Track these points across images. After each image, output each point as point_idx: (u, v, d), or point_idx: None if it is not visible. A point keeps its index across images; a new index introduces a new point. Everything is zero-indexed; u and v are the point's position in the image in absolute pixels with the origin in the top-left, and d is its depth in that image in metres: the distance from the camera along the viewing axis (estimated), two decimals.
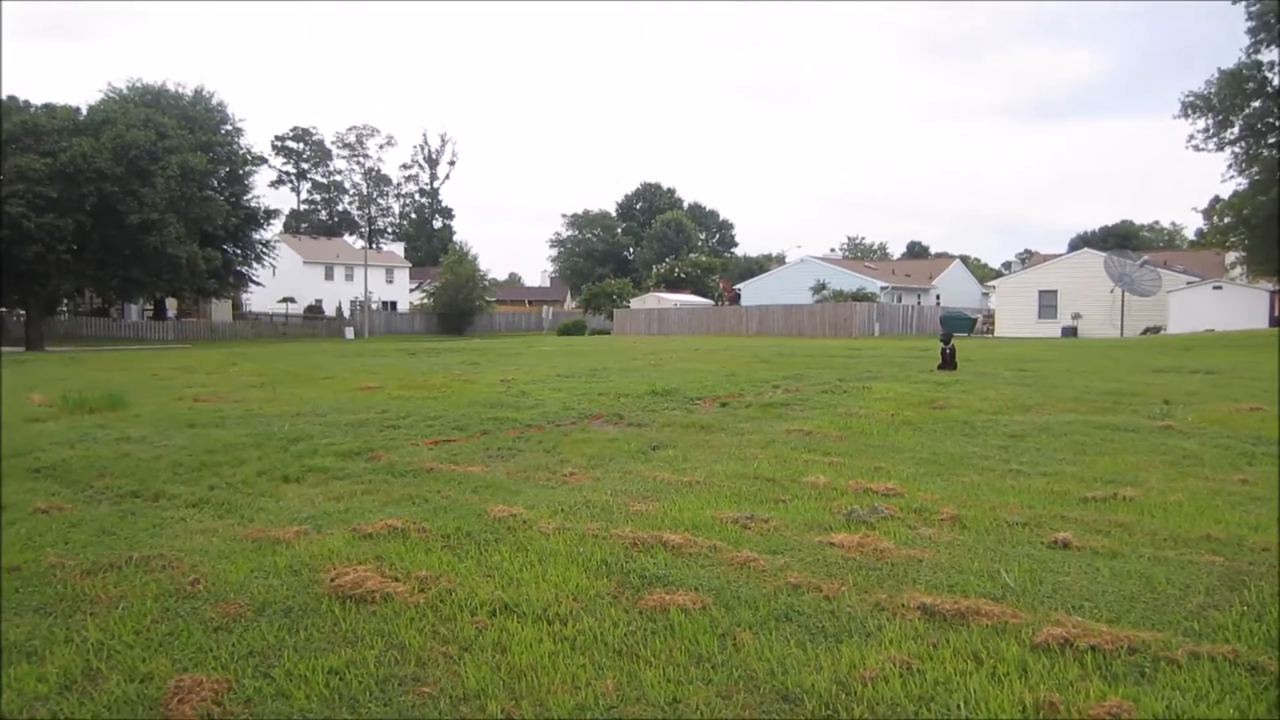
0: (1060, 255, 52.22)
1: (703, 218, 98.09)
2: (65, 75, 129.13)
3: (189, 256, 39.97)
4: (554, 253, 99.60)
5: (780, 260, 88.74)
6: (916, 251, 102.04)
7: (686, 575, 4.01)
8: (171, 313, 59.34)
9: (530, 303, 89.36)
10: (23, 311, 42.88)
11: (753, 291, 61.74)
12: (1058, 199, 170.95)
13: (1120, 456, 6.93)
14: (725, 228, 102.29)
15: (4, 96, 35.50)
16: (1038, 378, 13.45)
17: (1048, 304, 43.90)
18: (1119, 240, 73.86)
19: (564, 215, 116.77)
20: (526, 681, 3.00)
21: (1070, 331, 40.91)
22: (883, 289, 56.54)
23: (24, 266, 36.39)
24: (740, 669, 3.09)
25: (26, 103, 38.66)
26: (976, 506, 5.31)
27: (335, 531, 4.76)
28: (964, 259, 79.38)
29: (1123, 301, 39.82)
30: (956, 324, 36.18)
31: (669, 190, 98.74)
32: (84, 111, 39.93)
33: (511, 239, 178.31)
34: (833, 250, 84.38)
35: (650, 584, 3.91)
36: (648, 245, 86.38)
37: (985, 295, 61.34)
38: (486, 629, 3.43)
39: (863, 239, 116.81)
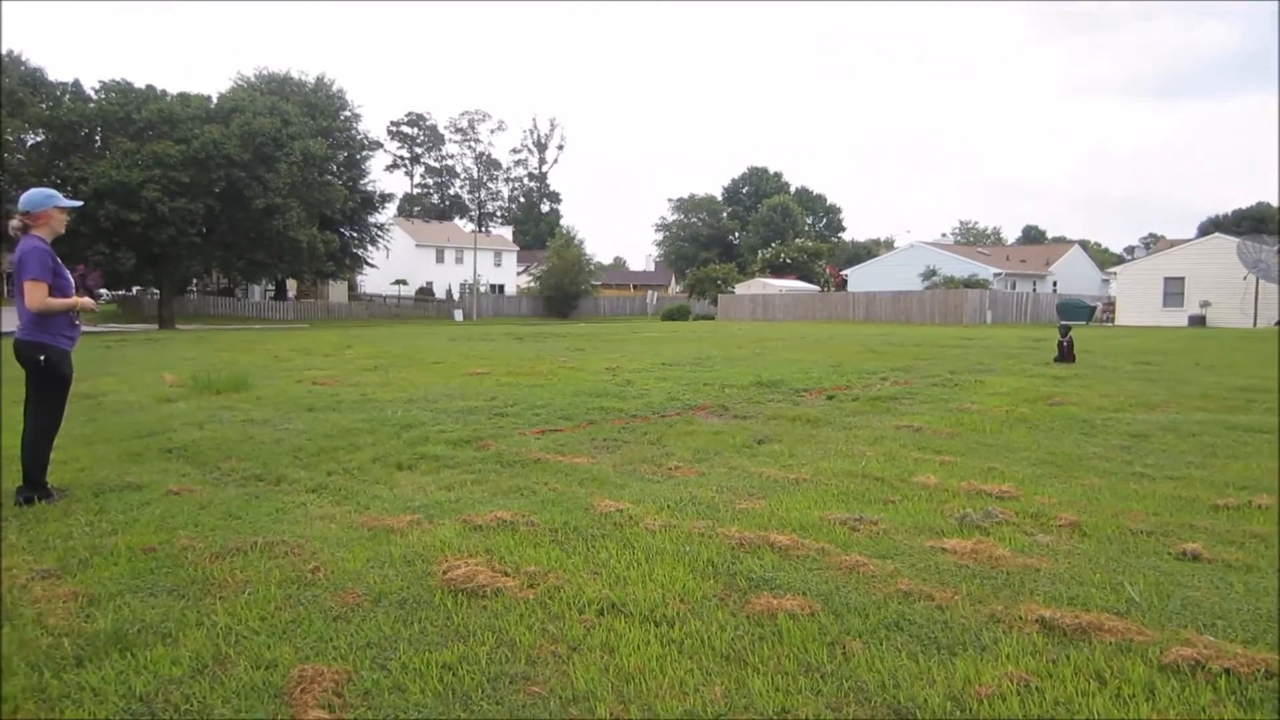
0: (1189, 240, 49.17)
1: (809, 202, 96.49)
2: (201, 64, 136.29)
3: (309, 239, 41.72)
4: (659, 237, 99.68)
5: (889, 246, 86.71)
6: (1032, 236, 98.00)
7: (794, 579, 3.94)
8: (291, 293, 62.10)
9: (634, 287, 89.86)
10: (156, 291, 45.54)
11: (860, 277, 60.48)
12: (1186, 180, 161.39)
13: (1254, 460, 6.48)
14: (833, 212, 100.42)
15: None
16: (1162, 372, 12.73)
17: (1174, 291, 41.46)
18: (1254, 224, 68.98)
19: (669, 199, 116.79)
20: (635, 685, 2.99)
21: (1198, 320, 38.58)
22: (996, 275, 54.53)
23: (158, 249, 38.68)
24: (850, 680, 3.01)
25: (163, 91, 40.87)
26: (1097, 512, 5.05)
27: (447, 522, 4.87)
28: (1083, 244, 75.79)
29: (1257, 290, 37.26)
30: (1074, 311, 34.54)
31: (776, 174, 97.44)
32: (214, 100, 41.97)
33: (617, 223, 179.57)
34: (944, 235, 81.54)
35: (757, 587, 3.86)
36: (753, 230, 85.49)
37: (1106, 282, 58.48)
38: (594, 628, 3.44)
39: (975, 223, 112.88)
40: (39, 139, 37.86)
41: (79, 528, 4.81)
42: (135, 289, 52.38)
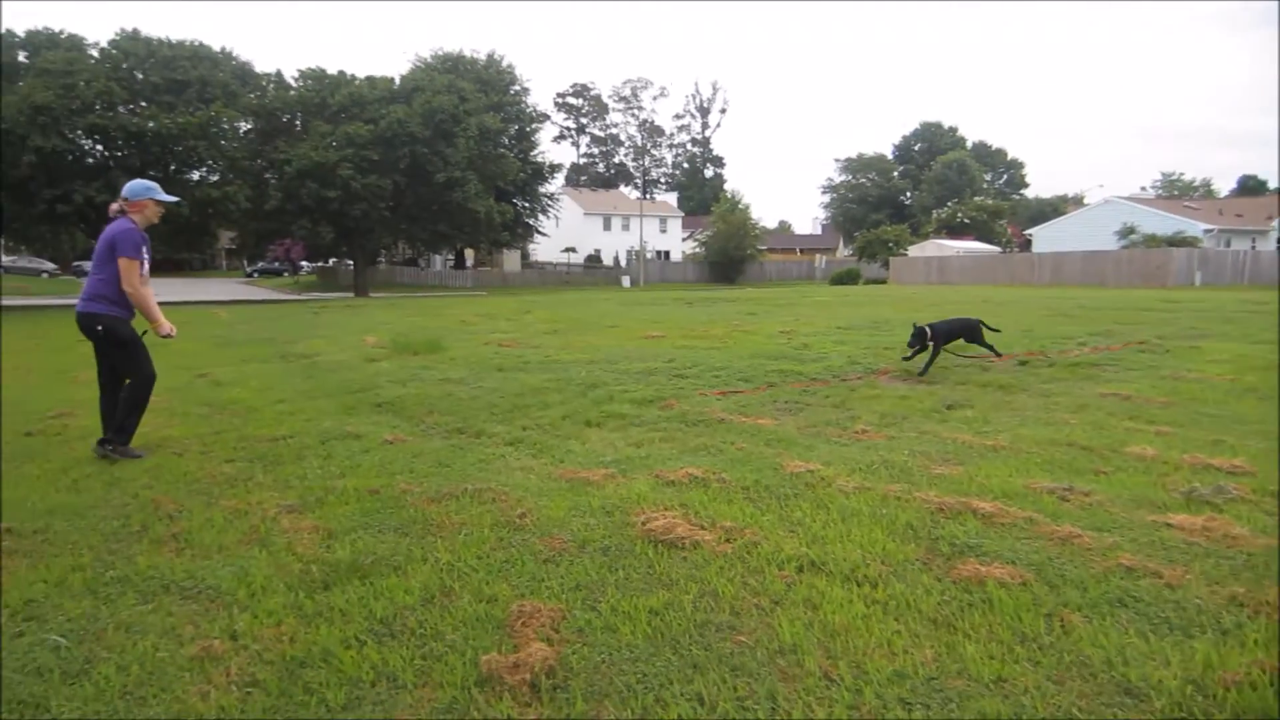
0: None
1: (988, 157, 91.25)
2: (380, 46, 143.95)
3: (486, 210, 43.48)
4: (826, 199, 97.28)
5: (1078, 202, 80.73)
6: (1250, 187, 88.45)
7: (1001, 547, 3.80)
8: (469, 262, 65.04)
9: (800, 251, 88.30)
10: (350, 262, 48.83)
11: (1046, 237, 56.70)
12: None
13: None
14: (1014, 167, 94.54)
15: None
16: None
17: None
18: None
19: (836, 160, 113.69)
20: (841, 641, 2.99)
21: None
22: (1206, 232, 49.71)
23: (352, 223, 41.40)
24: (1072, 654, 2.88)
25: (353, 76, 43.47)
26: None
27: (640, 477, 5.00)
28: None
29: None
30: None
31: (951, 129, 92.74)
32: (397, 81, 44.25)
33: (782, 186, 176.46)
34: (1143, 189, 75.09)
35: (961, 553, 3.75)
36: (927, 189, 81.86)
37: None
38: (795, 585, 3.46)
39: (1180, 175, 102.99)
40: (249, 126, 41.15)
41: (312, 470, 5.29)
42: (332, 260, 56.33)
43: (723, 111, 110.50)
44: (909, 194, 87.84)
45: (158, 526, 4.32)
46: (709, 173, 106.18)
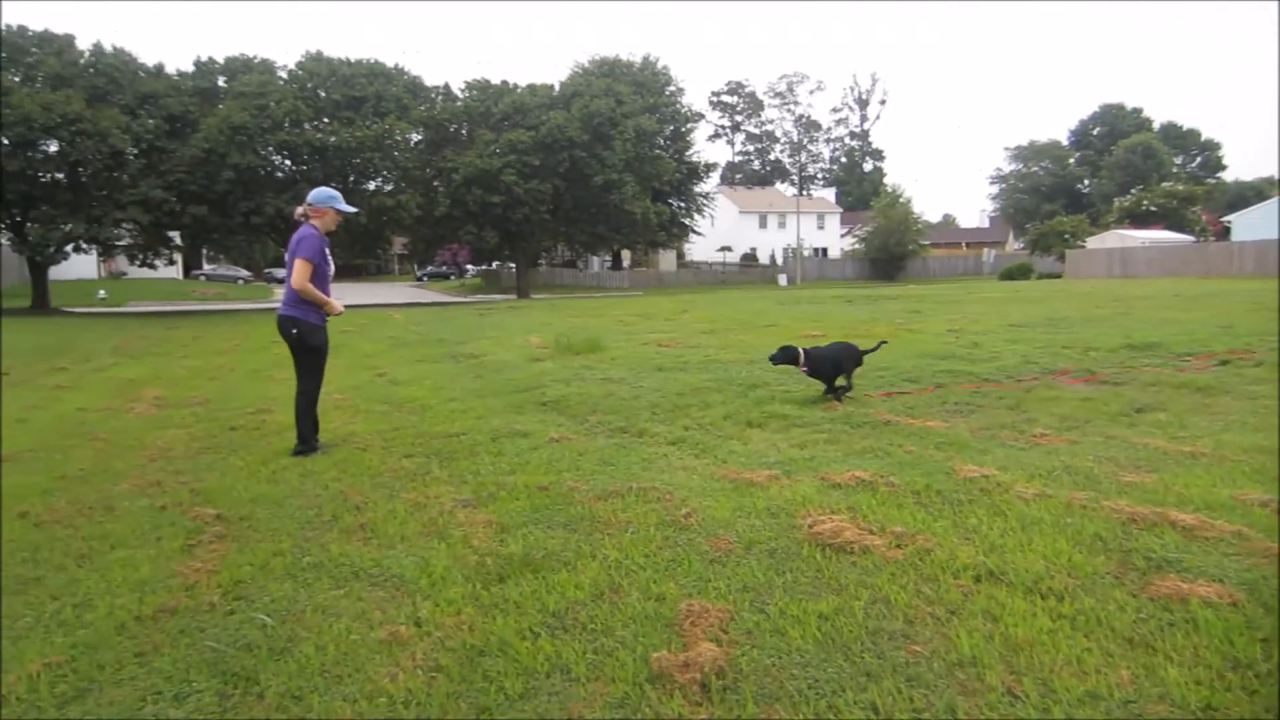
0: None
1: (1178, 139, 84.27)
2: (541, 54, 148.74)
3: (643, 211, 44.09)
4: (994, 190, 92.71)
5: None
6: None
7: (1206, 563, 3.49)
8: (626, 263, 66.09)
9: (966, 245, 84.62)
10: (513, 265, 50.65)
11: (1246, 224, 51.71)
12: None
13: None
14: (1209, 149, 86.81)
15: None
16: None
17: None
18: None
19: (1006, 149, 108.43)
20: (1025, 657, 2.84)
21: None
22: None
23: (514, 227, 42.96)
24: None
25: (515, 85, 45.06)
26: None
27: (804, 479, 4.92)
28: None
29: None
30: None
31: (1134, 110, 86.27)
32: (556, 88, 45.52)
33: (945, 178, 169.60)
34: None
35: (1159, 568, 3.47)
36: (1107, 176, 76.51)
37: None
38: (972, 594, 3.31)
39: None
40: (419, 137, 43.43)
41: (484, 466, 5.53)
42: (495, 263, 58.65)
43: (882, 103, 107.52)
44: (1087, 181, 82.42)
45: (346, 517, 4.61)
46: (868, 167, 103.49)
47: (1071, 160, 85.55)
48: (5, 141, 29.74)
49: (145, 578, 3.83)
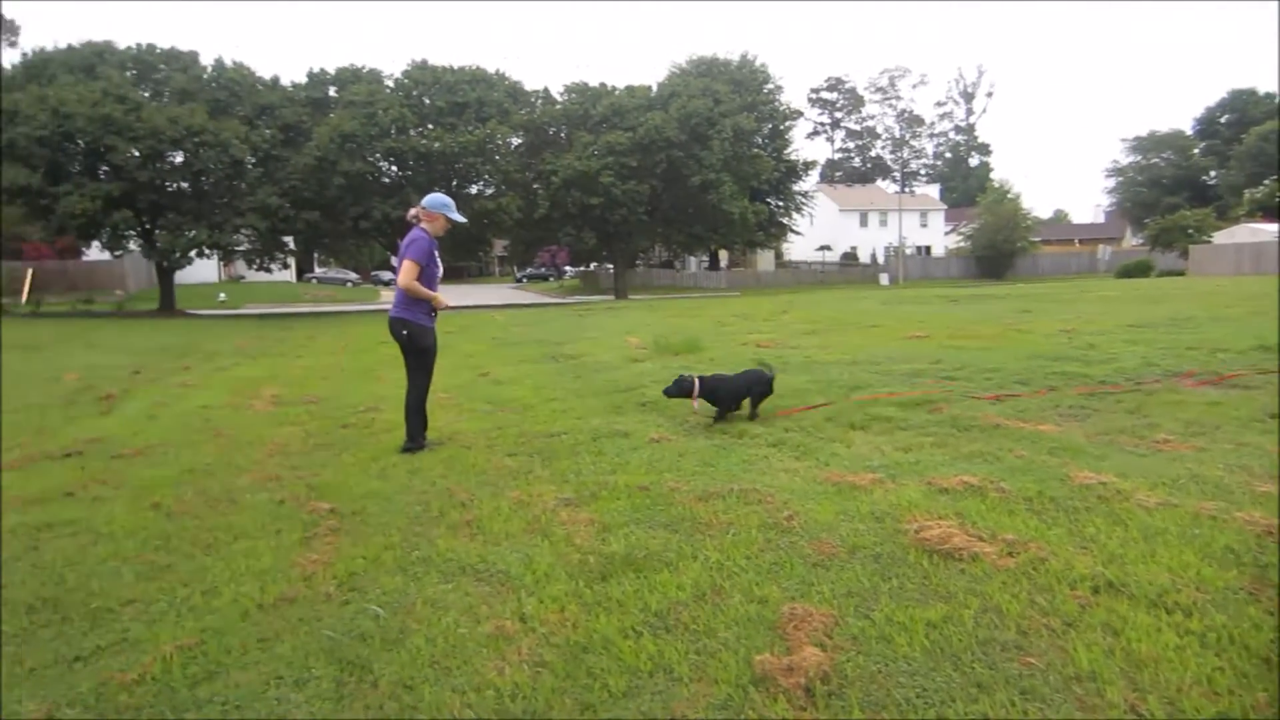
0: None
1: None
2: (640, 57, 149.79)
3: (740, 211, 43.85)
4: (1109, 183, 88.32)
5: None
6: None
7: None
8: (723, 263, 65.83)
9: (1079, 242, 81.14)
10: (610, 266, 51.07)
11: None
12: None
13: None
14: None
15: None
16: None
17: None
18: None
19: (1123, 140, 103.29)
20: (1149, 673, 2.70)
21: None
22: None
23: (612, 228, 43.32)
24: None
25: (613, 87, 45.43)
26: None
27: (910, 483, 4.81)
28: None
29: None
30: None
31: (1267, 95, 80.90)
32: (654, 89, 45.70)
33: (1057, 172, 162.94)
34: None
35: None
36: (1236, 166, 71.94)
37: None
38: (1090, 607, 3.17)
39: None
40: (519, 141, 44.26)
41: (585, 466, 5.60)
42: (593, 264, 59.28)
43: (989, 95, 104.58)
44: (1213, 173, 77.77)
45: (453, 513, 4.74)
46: (974, 161, 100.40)
47: (1196, 150, 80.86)
48: (136, 153, 31.70)
49: (266, 567, 4.02)
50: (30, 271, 39.96)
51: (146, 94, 34.43)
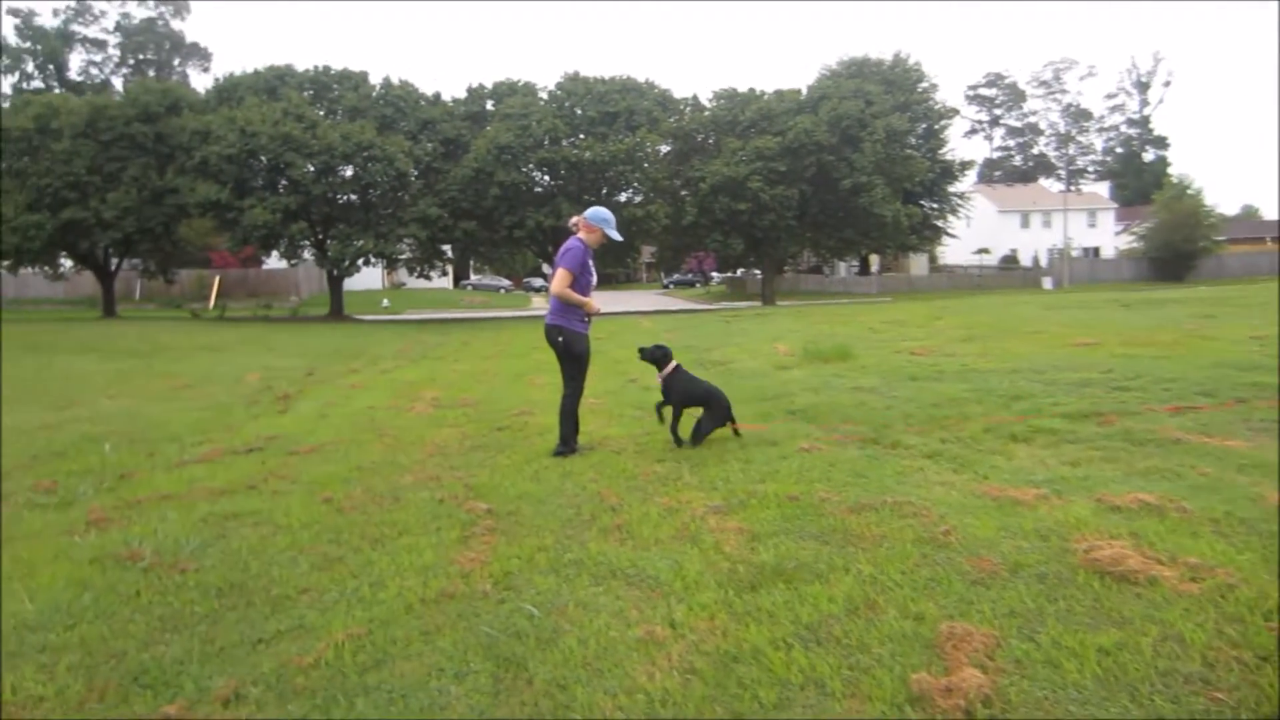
0: None
1: None
2: (790, 60, 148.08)
3: (893, 214, 42.62)
4: None
5: None
6: None
7: None
8: (875, 268, 64.14)
9: (1272, 240, 74.22)
10: (758, 272, 50.71)
11: None
12: None
13: None
14: None
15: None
16: None
17: None
18: None
19: None
20: None
21: None
22: None
23: (760, 233, 43.01)
24: None
25: (762, 92, 45.15)
26: None
27: (1077, 499, 4.54)
28: None
29: None
30: None
31: None
32: (804, 92, 45.10)
33: (1245, 164, 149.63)
34: None
35: None
36: None
37: None
38: None
39: None
40: (667, 148, 44.68)
41: (734, 473, 5.58)
42: (740, 270, 59.05)
43: (1166, 85, 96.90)
44: None
45: (603, 517, 4.83)
46: (1149, 156, 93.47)
47: None
48: (311, 168, 34.09)
49: (428, 563, 4.22)
50: (218, 279, 43.68)
51: (321, 112, 36.98)
